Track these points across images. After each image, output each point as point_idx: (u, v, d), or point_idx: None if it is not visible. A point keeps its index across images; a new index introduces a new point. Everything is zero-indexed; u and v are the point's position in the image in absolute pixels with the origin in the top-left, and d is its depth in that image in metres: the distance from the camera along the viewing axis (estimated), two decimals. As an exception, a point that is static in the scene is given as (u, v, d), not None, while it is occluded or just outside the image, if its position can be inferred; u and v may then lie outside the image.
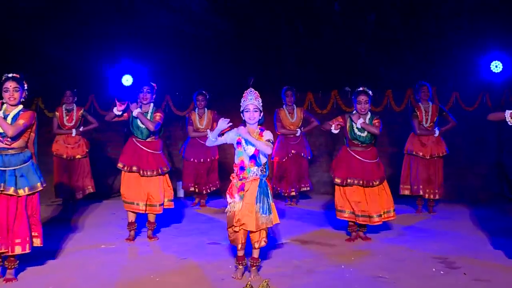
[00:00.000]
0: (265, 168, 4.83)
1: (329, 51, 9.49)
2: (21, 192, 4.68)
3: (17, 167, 4.67)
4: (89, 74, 9.60)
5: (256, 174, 4.77)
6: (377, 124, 6.08)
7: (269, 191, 4.81)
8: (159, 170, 6.21)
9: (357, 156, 6.11)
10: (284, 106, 8.55)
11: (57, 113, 8.18)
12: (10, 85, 4.75)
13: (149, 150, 6.23)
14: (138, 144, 6.24)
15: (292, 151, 8.42)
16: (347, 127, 6.13)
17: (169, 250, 5.91)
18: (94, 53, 9.45)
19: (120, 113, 6.03)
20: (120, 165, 6.23)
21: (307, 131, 8.65)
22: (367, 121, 6.07)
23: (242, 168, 4.78)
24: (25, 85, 4.84)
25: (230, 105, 9.79)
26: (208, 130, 8.37)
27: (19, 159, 4.70)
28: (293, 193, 8.57)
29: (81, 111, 8.23)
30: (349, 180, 6.08)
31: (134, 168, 6.17)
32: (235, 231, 4.81)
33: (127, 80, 9.53)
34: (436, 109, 7.80)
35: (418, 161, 7.80)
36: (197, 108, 8.48)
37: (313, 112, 9.60)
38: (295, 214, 7.91)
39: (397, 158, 8.79)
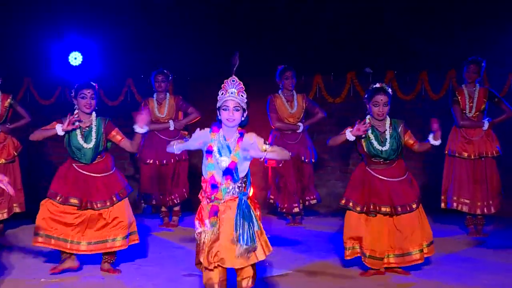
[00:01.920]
0: (245, 183, 4.69)
1: (343, 20, 9.38)
2: None
3: None
4: (24, 51, 9.55)
5: (233, 193, 4.64)
6: (410, 141, 6.04)
7: (252, 214, 4.65)
8: (114, 199, 6.11)
9: (379, 176, 6.04)
10: (280, 92, 8.42)
11: None
12: None
13: (96, 175, 6.11)
14: (79, 169, 6.12)
15: (290, 154, 8.25)
16: (362, 140, 6.02)
17: (135, 285, 5.90)
18: (30, 24, 9.45)
19: (62, 133, 5.94)
20: (50, 192, 6.09)
21: (310, 125, 8.64)
22: (387, 129, 5.98)
23: (214, 186, 4.66)
24: None
25: (212, 94, 9.80)
26: (170, 122, 8.28)
27: None
28: (296, 209, 8.51)
29: (8, 100, 7.96)
30: (372, 207, 6.01)
31: (75, 201, 6.05)
32: (209, 269, 4.60)
33: (75, 58, 9.55)
34: (484, 94, 7.71)
35: (461, 164, 7.70)
36: (156, 93, 8.38)
37: (323, 101, 9.58)
38: (300, 236, 7.89)
39: (436, 161, 8.73)
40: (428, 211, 8.90)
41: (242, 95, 4.66)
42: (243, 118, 4.68)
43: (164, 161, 8.34)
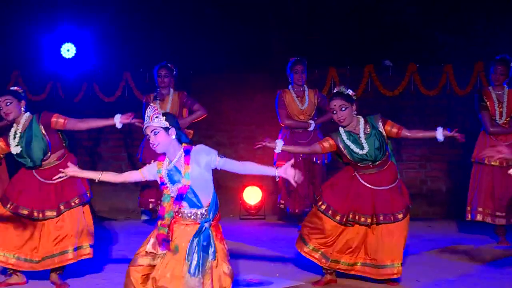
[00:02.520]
0: (207, 209, 4.62)
1: (362, 8, 9.33)
2: None
3: None
4: (12, 43, 9.48)
5: (195, 218, 4.61)
6: (394, 129, 5.99)
7: (211, 244, 4.60)
8: (61, 207, 5.98)
9: (367, 184, 5.99)
10: (290, 87, 8.37)
11: None
12: None
13: (48, 181, 5.98)
14: (35, 173, 6.03)
15: (301, 154, 8.31)
16: (342, 148, 5.96)
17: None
18: (19, 14, 9.38)
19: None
20: (3, 198, 6.02)
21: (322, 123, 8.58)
22: (361, 129, 5.91)
23: (160, 217, 4.64)
24: None
25: (216, 89, 9.79)
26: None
27: None
28: (308, 214, 8.39)
29: None
30: (351, 216, 5.96)
31: (24, 212, 5.95)
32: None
33: (68, 50, 9.50)
34: (515, 97, 7.61)
35: (489, 173, 7.66)
36: (158, 88, 8.34)
37: (337, 97, 9.40)
38: None
39: (461, 167, 8.67)
40: (454, 219, 8.96)
41: (156, 117, 4.63)
42: (174, 136, 4.62)
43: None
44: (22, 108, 6.00)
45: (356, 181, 6.01)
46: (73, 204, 5.99)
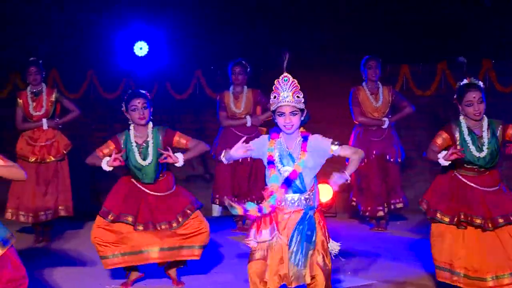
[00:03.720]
0: (312, 195, 4.59)
1: (435, 2, 9.19)
2: None
3: None
4: (87, 42, 9.66)
5: (299, 205, 4.56)
6: None
7: (313, 234, 4.54)
8: (180, 219, 5.96)
9: (471, 183, 5.60)
10: (364, 84, 8.32)
11: (20, 100, 7.96)
12: None
13: (158, 194, 6.01)
14: (142, 187, 6.01)
15: (374, 152, 8.31)
16: (457, 140, 5.57)
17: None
18: (94, 13, 9.59)
19: (109, 169, 5.78)
20: (103, 210, 5.97)
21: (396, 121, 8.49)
22: (485, 131, 5.53)
23: (274, 198, 4.56)
24: None
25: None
26: (247, 117, 8.24)
27: None
28: (381, 213, 8.40)
29: (54, 95, 8.04)
30: (463, 217, 5.55)
31: (129, 219, 5.92)
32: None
33: (140, 48, 9.66)
34: None
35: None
36: (232, 86, 8.34)
37: (410, 94, 9.38)
38: (385, 243, 7.81)
39: None
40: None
41: (298, 97, 4.54)
42: (302, 118, 4.58)
43: (240, 159, 8.26)
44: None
45: (459, 181, 5.63)
46: (189, 211, 5.97)
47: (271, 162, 4.56)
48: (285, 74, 4.56)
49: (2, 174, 4.26)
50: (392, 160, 8.33)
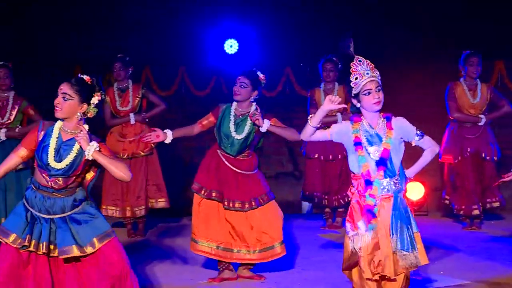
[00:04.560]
0: (399, 178, 4.51)
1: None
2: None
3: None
4: (178, 39, 9.80)
5: (389, 190, 4.48)
6: None
7: (410, 215, 4.50)
8: (253, 203, 6.03)
9: None
10: (462, 80, 8.14)
11: (107, 97, 8.00)
12: (61, 88, 4.44)
13: (238, 171, 6.07)
14: (224, 160, 6.09)
15: (469, 149, 8.15)
16: None
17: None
18: (185, 11, 9.65)
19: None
20: (195, 186, 6.12)
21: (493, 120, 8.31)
22: None
23: (368, 183, 4.50)
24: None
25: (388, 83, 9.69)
26: (338, 114, 8.12)
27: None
28: (476, 212, 8.21)
29: (140, 90, 8.12)
30: None
31: (214, 194, 6.04)
32: (372, 280, 4.47)
33: (231, 46, 9.72)
34: None
35: None
36: (323, 83, 8.28)
37: (505, 91, 9.13)
38: (479, 243, 7.65)
39: None
40: None
41: (377, 73, 4.52)
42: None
43: (331, 156, 8.21)
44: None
45: None
46: (261, 201, 6.04)
47: (358, 143, 4.51)
48: (358, 57, 4.54)
49: (108, 166, 4.35)
50: (488, 158, 8.14)
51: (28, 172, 7.50)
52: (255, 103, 6.12)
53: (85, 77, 4.45)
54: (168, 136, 5.87)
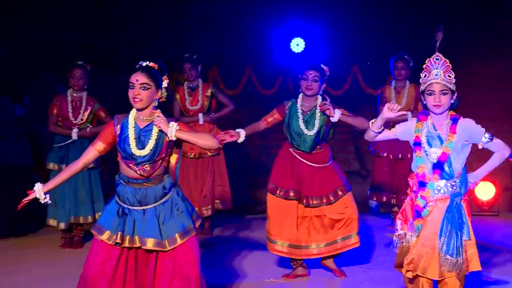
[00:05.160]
0: (459, 181, 4.39)
1: None
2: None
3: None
4: (245, 38, 9.81)
5: (445, 192, 4.38)
6: None
7: (466, 220, 4.38)
8: (331, 197, 5.99)
9: None
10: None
11: (177, 95, 8.15)
12: (137, 79, 4.42)
13: (314, 165, 6.03)
14: (298, 157, 6.05)
15: None
16: None
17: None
18: (251, 10, 9.65)
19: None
20: (270, 186, 6.08)
21: None
22: None
23: (422, 184, 4.42)
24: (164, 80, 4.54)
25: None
26: (408, 113, 7.89)
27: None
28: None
29: (209, 90, 8.17)
30: None
31: (291, 194, 6.00)
32: (410, 276, 4.42)
33: (297, 44, 9.67)
34: None
35: None
36: (394, 81, 8.17)
37: None
38: None
39: None
40: None
41: (449, 76, 4.38)
42: (452, 101, 4.41)
43: (400, 155, 8.07)
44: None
45: None
46: (340, 192, 6.01)
47: (417, 144, 4.45)
48: (437, 54, 4.44)
49: (193, 139, 4.38)
50: None
51: (97, 172, 7.64)
52: (321, 95, 6.07)
53: (150, 63, 4.46)
54: (241, 135, 5.83)
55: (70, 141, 7.49)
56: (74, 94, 7.59)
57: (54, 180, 4.68)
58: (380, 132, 4.55)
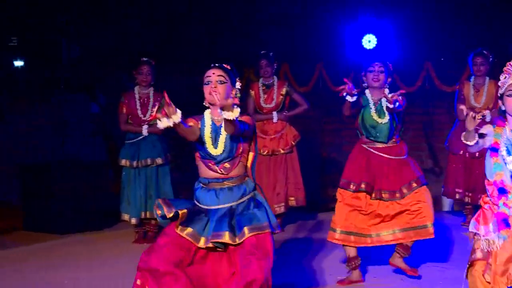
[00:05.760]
0: None
1: None
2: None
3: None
4: (317, 35, 9.77)
5: None
6: None
7: None
8: (404, 190, 5.88)
9: None
10: None
11: (252, 92, 8.15)
12: (213, 72, 4.44)
13: (390, 157, 5.95)
14: (374, 151, 5.97)
15: None
16: None
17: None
18: (322, 7, 9.66)
19: (354, 98, 5.74)
20: (343, 182, 5.99)
21: None
22: None
23: (502, 191, 4.27)
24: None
25: None
26: (487, 112, 7.70)
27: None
28: None
29: (284, 88, 8.12)
30: None
31: (363, 186, 5.91)
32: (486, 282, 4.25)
33: (369, 41, 9.64)
34: None
35: None
36: (473, 77, 7.98)
37: None
38: None
39: None
40: None
41: None
42: None
43: (477, 153, 7.82)
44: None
45: None
46: (414, 185, 5.90)
47: (495, 150, 4.31)
48: None
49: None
50: None
51: (166, 168, 7.72)
52: (387, 88, 5.94)
53: (224, 64, 4.47)
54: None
55: (141, 137, 7.60)
56: (142, 91, 7.67)
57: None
58: (477, 143, 4.39)
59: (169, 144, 7.80)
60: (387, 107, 5.79)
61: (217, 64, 4.45)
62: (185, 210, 4.42)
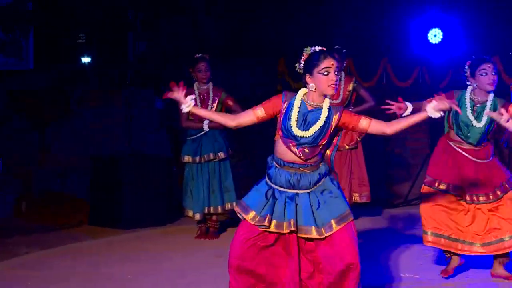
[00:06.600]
0: None
1: None
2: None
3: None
4: (382, 29, 9.70)
5: None
6: None
7: None
8: (498, 191, 5.72)
9: None
10: None
11: None
12: (332, 63, 4.33)
13: (478, 160, 5.79)
14: (461, 151, 5.82)
15: None
16: None
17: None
18: (388, 0, 9.56)
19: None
20: (428, 179, 5.89)
21: None
22: None
23: None
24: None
25: None
26: None
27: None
28: None
29: (352, 84, 8.01)
30: None
31: (451, 188, 5.78)
32: None
33: (435, 35, 9.48)
34: None
35: None
36: None
37: None
38: None
39: None
40: None
41: None
42: None
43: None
44: None
45: None
46: (507, 186, 5.74)
47: None
48: None
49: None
50: None
51: (227, 163, 7.75)
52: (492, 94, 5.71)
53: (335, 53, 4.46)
54: (408, 108, 5.27)
55: (202, 133, 7.63)
56: (201, 87, 7.69)
57: (204, 111, 4.81)
58: None
59: (230, 139, 7.83)
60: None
61: (335, 55, 4.37)
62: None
